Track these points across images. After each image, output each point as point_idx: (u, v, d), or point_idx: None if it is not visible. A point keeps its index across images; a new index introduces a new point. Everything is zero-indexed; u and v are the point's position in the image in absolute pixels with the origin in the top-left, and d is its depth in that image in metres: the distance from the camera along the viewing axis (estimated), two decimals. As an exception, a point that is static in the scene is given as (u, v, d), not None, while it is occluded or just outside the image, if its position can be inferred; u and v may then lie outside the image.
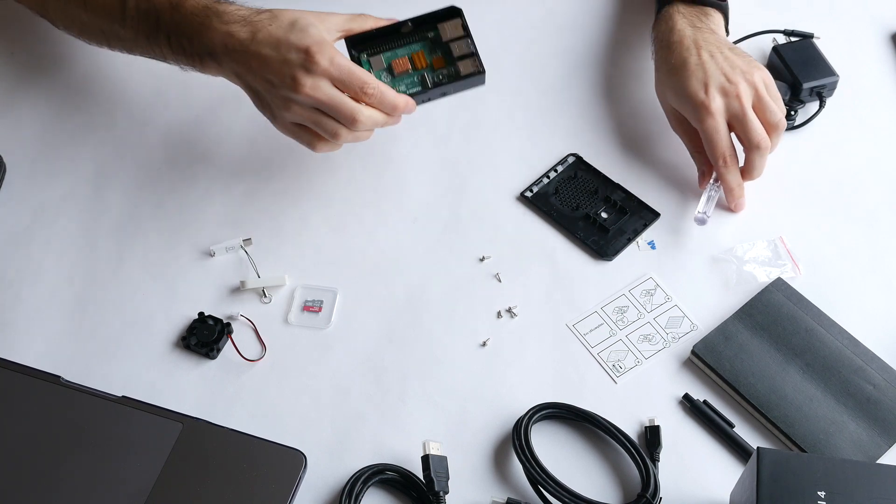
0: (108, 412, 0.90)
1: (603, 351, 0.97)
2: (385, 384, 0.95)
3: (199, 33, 0.96)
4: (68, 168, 1.08)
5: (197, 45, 0.97)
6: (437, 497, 0.86)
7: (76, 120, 1.12)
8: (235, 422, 0.90)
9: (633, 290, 1.01)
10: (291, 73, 0.92)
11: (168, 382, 0.94)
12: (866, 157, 1.10)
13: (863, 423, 0.91)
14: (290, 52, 0.93)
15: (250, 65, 0.94)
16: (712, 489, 0.89)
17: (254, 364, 0.96)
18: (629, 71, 1.17)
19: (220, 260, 1.02)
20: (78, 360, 0.95)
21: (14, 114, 1.12)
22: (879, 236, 1.04)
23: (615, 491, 0.89)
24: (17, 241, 1.03)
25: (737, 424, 0.92)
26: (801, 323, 0.96)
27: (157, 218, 1.05)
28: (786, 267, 1.01)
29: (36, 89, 1.14)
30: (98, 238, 1.03)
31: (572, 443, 0.91)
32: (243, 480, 0.86)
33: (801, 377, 0.93)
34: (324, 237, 1.04)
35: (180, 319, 0.98)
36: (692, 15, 1.08)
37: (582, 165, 1.09)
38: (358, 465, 0.88)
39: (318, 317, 0.99)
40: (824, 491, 0.78)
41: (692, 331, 0.98)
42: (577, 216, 1.05)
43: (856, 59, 1.18)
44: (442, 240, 1.04)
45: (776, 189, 1.08)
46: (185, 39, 0.98)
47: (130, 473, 0.87)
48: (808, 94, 1.12)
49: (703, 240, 1.03)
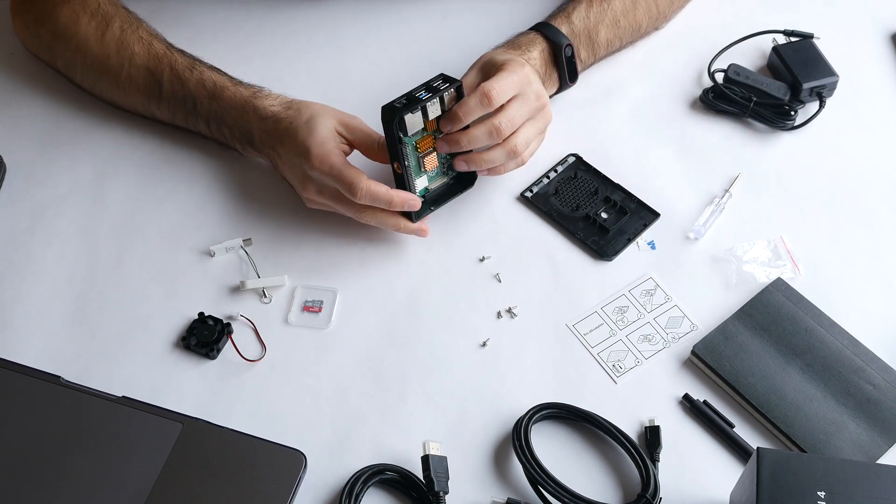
0: (108, 412, 0.90)
1: (603, 351, 0.97)
2: (385, 384, 0.95)
3: (239, 124, 1.03)
4: (68, 168, 1.08)
5: (237, 133, 1.04)
6: (437, 497, 0.86)
7: (76, 120, 1.12)
8: (235, 422, 0.90)
9: (633, 290, 1.01)
10: (299, 174, 1.00)
11: (168, 382, 0.94)
12: (866, 157, 1.10)
13: (863, 423, 0.91)
14: (298, 153, 0.98)
15: (277, 161, 1.02)
16: (712, 489, 0.89)
17: (254, 364, 0.96)
18: (629, 71, 1.17)
19: (220, 260, 1.02)
20: (78, 360, 0.95)
21: (14, 114, 1.12)
22: (879, 236, 1.04)
23: (615, 491, 0.89)
24: (17, 241, 1.03)
25: (737, 424, 0.92)
26: (801, 323, 0.96)
27: (157, 218, 1.05)
28: (786, 267, 1.01)
29: (36, 89, 1.14)
30: (98, 238, 1.03)
31: (572, 443, 0.91)
32: (243, 480, 0.86)
33: (801, 377, 0.93)
34: (324, 237, 1.04)
35: (180, 319, 0.98)
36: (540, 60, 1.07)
37: (582, 165, 1.09)
38: (358, 465, 0.88)
39: (318, 317, 0.99)
40: (824, 491, 0.78)
41: (692, 331, 0.98)
42: (577, 216, 1.05)
43: (856, 59, 1.18)
44: (442, 240, 1.04)
45: (776, 189, 1.08)
46: (224, 127, 1.04)
47: (130, 473, 0.87)
48: (808, 94, 1.12)
49: (704, 240, 1.03)
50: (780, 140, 1.11)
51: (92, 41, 1.07)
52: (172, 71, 1.04)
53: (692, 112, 1.14)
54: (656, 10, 1.15)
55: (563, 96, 1.12)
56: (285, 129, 1.00)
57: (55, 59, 1.11)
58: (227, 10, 1.20)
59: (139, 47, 1.06)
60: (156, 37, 1.07)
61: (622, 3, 1.12)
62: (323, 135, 0.97)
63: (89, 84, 1.10)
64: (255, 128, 1.02)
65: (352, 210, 0.99)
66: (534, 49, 1.06)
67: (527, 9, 1.19)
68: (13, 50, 1.17)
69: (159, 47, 1.06)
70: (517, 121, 0.98)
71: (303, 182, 0.99)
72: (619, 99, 1.15)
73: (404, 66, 1.17)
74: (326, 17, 1.20)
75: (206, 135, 1.07)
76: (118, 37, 1.06)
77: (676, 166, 1.09)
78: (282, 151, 1.01)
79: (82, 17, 1.07)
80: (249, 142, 1.04)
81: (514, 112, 0.98)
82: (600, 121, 1.13)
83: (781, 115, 1.11)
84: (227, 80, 1.04)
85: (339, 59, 1.17)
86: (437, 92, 0.95)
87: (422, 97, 0.95)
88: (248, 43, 1.14)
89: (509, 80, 0.97)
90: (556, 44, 1.07)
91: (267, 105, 1.02)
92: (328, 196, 0.99)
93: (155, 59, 1.05)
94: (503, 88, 0.96)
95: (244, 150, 1.06)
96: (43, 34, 1.10)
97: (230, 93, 1.03)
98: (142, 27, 1.08)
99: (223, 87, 1.03)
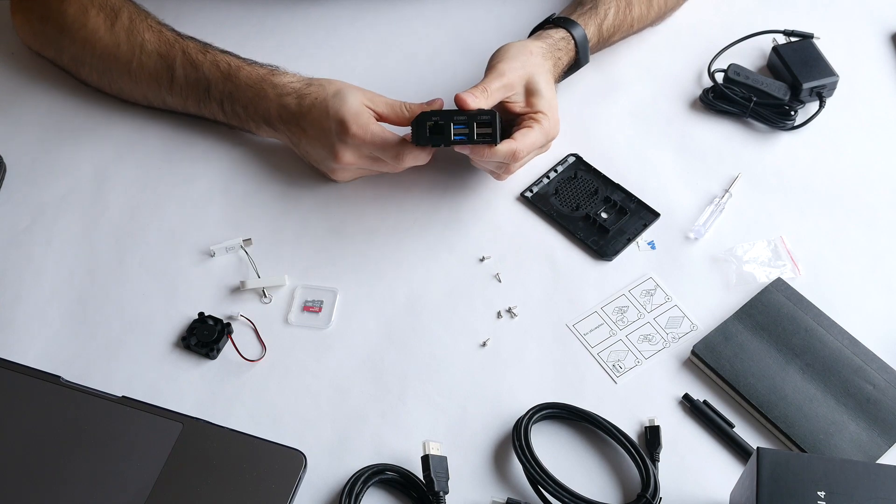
0: (108, 412, 0.90)
1: (603, 351, 0.97)
2: (385, 384, 0.95)
3: (255, 102, 1.04)
4: (68, 168, 1.08)
5: (252, 112, 1.04)
6: (437, 497, 0.86)
7: (76, 120, 1.12)
8: (235, 422, 0.90)
9: (633, 290, 1.01)
10: (331, 143, 1.00)
11: (168, 382, 0.94)
12: (866, 157, 1.10)
13: (863, 423, 0.91)
14: (330, 123, 0.99)
15: (300, 136, 1.02)
16: (712, 489, 0.89)
17: (254, 364, 0.96)
18: (629, 71, 1.17)
19: (220, 260, 1.02)
20: (78, 360, 0.95)
21: (14, 114, 1.12)
22: (879, 236, 1.04)
23: (615, 491, 0.89)
24: (17, 241, 1.03)
25: (737, 424, 0.92)
26: (801, 323, 0.96)
27: (157, 218, 1.05)
28: (786, 267, 1.01)
29: (36, 89, 1.14)
30: (98, 238, 1.03)
31: (572, 443, 0.91)
32: (243, 480, 0.86)
33: (801, 377, 0.93)
34: (324, 237, 1.04)
35: (180, 319, 0.98)
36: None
37: (582, 165, 1.09)
38: (358, 465, 0.88)
39: (318, 317, 0.99)
40: (824, 491, 0.78)
41: (692, 331, 0.98)
42: (577, 216, 1.05)
43: (856, 59, 1.18)
44: (442, 240, 1.04)
45: (776, 189, 1.08)
46: (239, 106, 1.04)
47: (130, 473, 0.87)
48: (808, 94, 1.12)
49: (704, 240, 1.03)
50: (780, 140, 1.11)
51: (101, 32, 1.07)
52: (185, 55, 1.05)
53: (692, 112, 1.14)
54: (659, 12, 1.17)
55: (563, 96, 1.12)
56: (311, 103, 1.01)
57: (61, 53, 1.11)
58: (227, 10, 1.20)
59: (150, 35, 1.06)
60: (165, 26, 1.08)
61: (640, 9, 1.14)
62: (356, 107, 0.99)
63: (97, 77, 1.10)
64: (273, 105, 1.02)
65: (387, 167, 1.01)
66: (565, 58, 1.07)
67: (527, 9, 1.19)
68: (13, 50, 1.17)
69: (170, 35, 1.07)
70: (527, 159, 1.02)
71: (333, 152, 1.00)
72: (619, 99, 1.15)
73: (404, 65, 1.17)
74: (326, 17, 1.21)
75: (218, 119, 1.07)
76: (127, 26, 1.07)
77: (676, 166, 1.09)
78: (307, 125, 1.01)
79: (90, 10, 1.07)
80: (266, 120, 1.04)
81: (530, 156, 1.02)
82: (600, 121, 1.13)
83: (781, 115, 1.11)
84: (241, 61, 1.05)
85: (339, 59, 1.17)
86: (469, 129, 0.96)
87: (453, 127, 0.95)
88: (248, 42, 1.14)
89: (541, 137, 1.00)
90: (579, 60, 1.09)
91: (286, 82, 1.03)
92: (364, 160, 1.00)
93: (167, 45, 1.06)
94: (534, 146, 1.00)
95: (258, 130, 1.06)
96: (48, 30, 1.10)
97: (246, 72, 1.04)
98: (150, 17, 1.08)
99: (238, 67, 1.04)
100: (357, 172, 1.04)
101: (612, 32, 1.12)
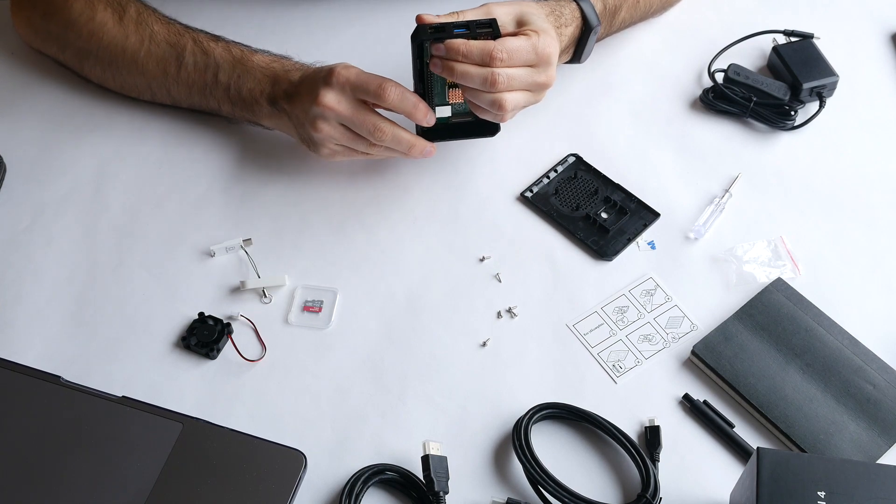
0: (108, 412, 0.90)
1: (603, 351, 0.97)
2: (385, 384, 0.95)
3: (262, 84, 1.04)
4: (68, 168, 1.08)
5: (258, 94, 1.05)
6: (437, 497, 0.86)
7: (76, 120, 1.12)
8: (235, 422, 0.90)
9: (633, 290, 1.01)
10: (315, 88, 0.99)
11: (168, 382, 0.94)
12: (866, 157, 1.11)
13: (863, 423, 0.91)
14: (319, 73, 1.00)
15: (295, 103, 1.02)
16: (712, 489, 0.89)
17: (254, 364, 0.96)
18: (629, 71, 1.17)
19: (220, 260, 1.02)
20: (78, 360, 0.95)
21: (14, 113, 1.12)
22: (879, 237, 1.04)
23: (615, 491, 0.89)
24: (17, 241, 1.03)
25: (737, 424, 0.92)
26: (801, 323, 0.96)
27: (157, 218, 1.05)
28: (786, 267, 1.01)
29: (36, 89, 1.14)
30: (98, 238, 1.03)
31: (572, 443, 0.91)
32: (243, 480, 0.86)
33: (801, 377, 0.93)
34: (324, 237, 1.04)
35: (180, 319, 0.98)
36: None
37: (582, 165, 1.09)
38: (358, 465, 0.88)
39: (318, 317, 0.99)
40: (824, 491, 0.78)
41: (692, 331, 0.98)
42: (577, 216, 1.05)
43: (856, 59, 1.18)
44: (442, 240, 1.04)
45: (776, 189, 1.08)
46: (245, 89, 1.05)
47: (130, 473, 0.87)
48: (808, 95, 1.12)
49: (704, 240, 1.04)
50: (780, 140, 1.11)
51: (110, 25, 1.07)
52: (196, 43, 1.06)
53: (692, 112, 1.14)
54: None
55: (563, 96, 1.12)
56: (308, 74, 1.02)
57: (64, 49, 1.11)
58: (227, 10, 1.20)
59: (159, 27, 1.07)
60: (172, 20, 1.09)
61: None
62: (348, 64, 1.00)
63: (100, 71, 1.10)
64: (281, 82, 1.03)
65: (364, 144, 1.00)
66: (571, 25, 1.05)
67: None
68: (13, 49, 1.17)
69: (179, 26, 1.08)
70: (516, 84, 0.96)
71: (315, 96, 0.99)
72: (619, 99, 1.15)
73: (404, 65, 1.17)
74: (326, 17, 1.21)
75: (222, 108, 1.07)
76: (136, 19, 1.08)
77: (676, 166, 1.09)
78: (303, 90, 1.01)
79: (98, 5, 1.08)
80: (271, 100, 1.04)
81: (518, 76, 0.96)
82: (600, 121, 1.13)
83: (781, 115, 1.11)
84: (253, 50, 1.07)
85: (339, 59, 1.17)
86: (470, 30, 0.95)
87: (454, 31, 0.95)
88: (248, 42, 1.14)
89: (529, 50, 0.96)
90: (588, 24, 1.06)
91: (294, 64, 1.05)
92: (340, 134, 0.99)
93: (176, 35, 1.07)
94: (517, 55, 0.95)
95: (260, 114, 1.06)
96: (52, 26, 1.10)
97: (258, 56, 1.06)
98: (157, 12, 1.09)
99: (251, 53, 1.06)
100: (340, 150, 1.02)
101: (618, 3, 1.10)
